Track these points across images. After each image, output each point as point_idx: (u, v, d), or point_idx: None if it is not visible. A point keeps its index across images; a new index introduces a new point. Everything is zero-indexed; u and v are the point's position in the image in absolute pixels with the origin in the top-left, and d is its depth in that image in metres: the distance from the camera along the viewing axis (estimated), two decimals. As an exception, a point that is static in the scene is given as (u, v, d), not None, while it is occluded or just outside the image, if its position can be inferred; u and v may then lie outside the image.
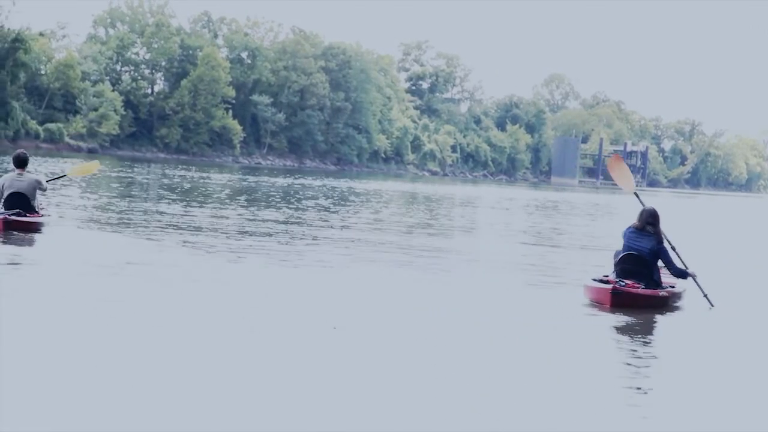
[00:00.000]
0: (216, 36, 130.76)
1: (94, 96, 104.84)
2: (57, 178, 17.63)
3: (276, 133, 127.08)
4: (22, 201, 15.33)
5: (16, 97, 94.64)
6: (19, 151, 16.25)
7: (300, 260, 14.53)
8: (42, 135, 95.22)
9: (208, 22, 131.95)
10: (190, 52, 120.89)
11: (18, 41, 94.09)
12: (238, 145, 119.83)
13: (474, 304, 11.47)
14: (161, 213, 22.57)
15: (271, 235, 18.77)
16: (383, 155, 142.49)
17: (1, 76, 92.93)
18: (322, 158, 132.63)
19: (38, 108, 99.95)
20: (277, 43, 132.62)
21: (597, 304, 11.67)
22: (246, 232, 18.95)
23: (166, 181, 43.19)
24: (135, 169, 56.12)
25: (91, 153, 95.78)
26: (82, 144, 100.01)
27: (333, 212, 28.33)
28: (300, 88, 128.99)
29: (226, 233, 18.56)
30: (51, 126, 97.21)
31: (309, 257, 15.00)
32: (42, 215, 15.68)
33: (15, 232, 14.71)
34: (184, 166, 73.41)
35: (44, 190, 15.76)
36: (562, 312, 11.24)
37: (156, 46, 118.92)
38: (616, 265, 12.25)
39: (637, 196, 13.35)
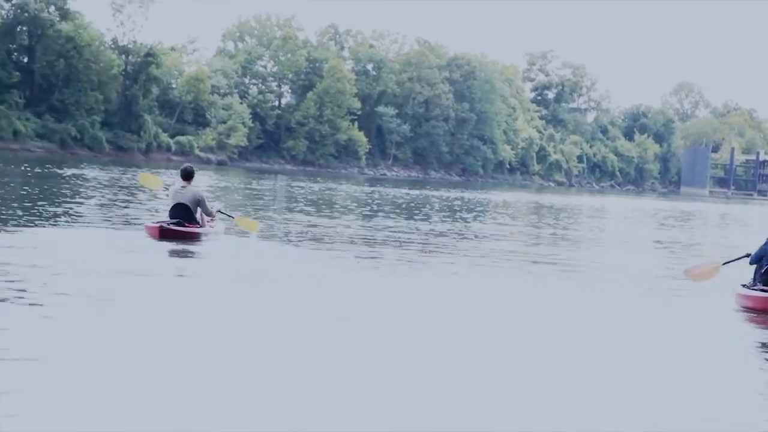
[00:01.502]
0: (342, 48, 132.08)
1: (223, 109, 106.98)
2: (227, 215, 17.82)
3: (401, 144, 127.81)
4: (184, 212, 15.92)
5: (148, 110, 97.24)
6: (185, 164, 16.91)
7: (432, 270, 14.64)
8: (173, 147, 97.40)
9: (334, 35, 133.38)
10: (317, 64, 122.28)
11: (150, 56, 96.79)
12: (364, 157, 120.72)
13: (626, 314, 11.43)
14: (300, 222, 22.91)
15: (405, 245, 18.89)
16: (508, 166, 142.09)
17: (134, 90, 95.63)
18: (447, 169, 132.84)
19: (169, 121, 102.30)
20: (402, 55, 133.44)
21: (760, 311, 11.78)
22: (385, 242, 19.13)
23: (301, 192, 43.75)
24: (264, 181, 56.99)
25: (221, 165, 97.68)
26: (211, 156, 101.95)
27: (463, 222, 28.36)
28: (424, 99, 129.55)
29: (366, 243, 18.72)
30: (182, 139, 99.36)
31: (440, 268, 15.06)
32: (203, 226, 16.15)
33: (173, 241, 15.17)
34: (312, 178, 74.23)
35: (206, 210, 16.29)
36: (726, 320, 11.49)
37: (283, 59, 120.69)
38: (763, 274, 12.24)
39: (729, 261, 13.44)
